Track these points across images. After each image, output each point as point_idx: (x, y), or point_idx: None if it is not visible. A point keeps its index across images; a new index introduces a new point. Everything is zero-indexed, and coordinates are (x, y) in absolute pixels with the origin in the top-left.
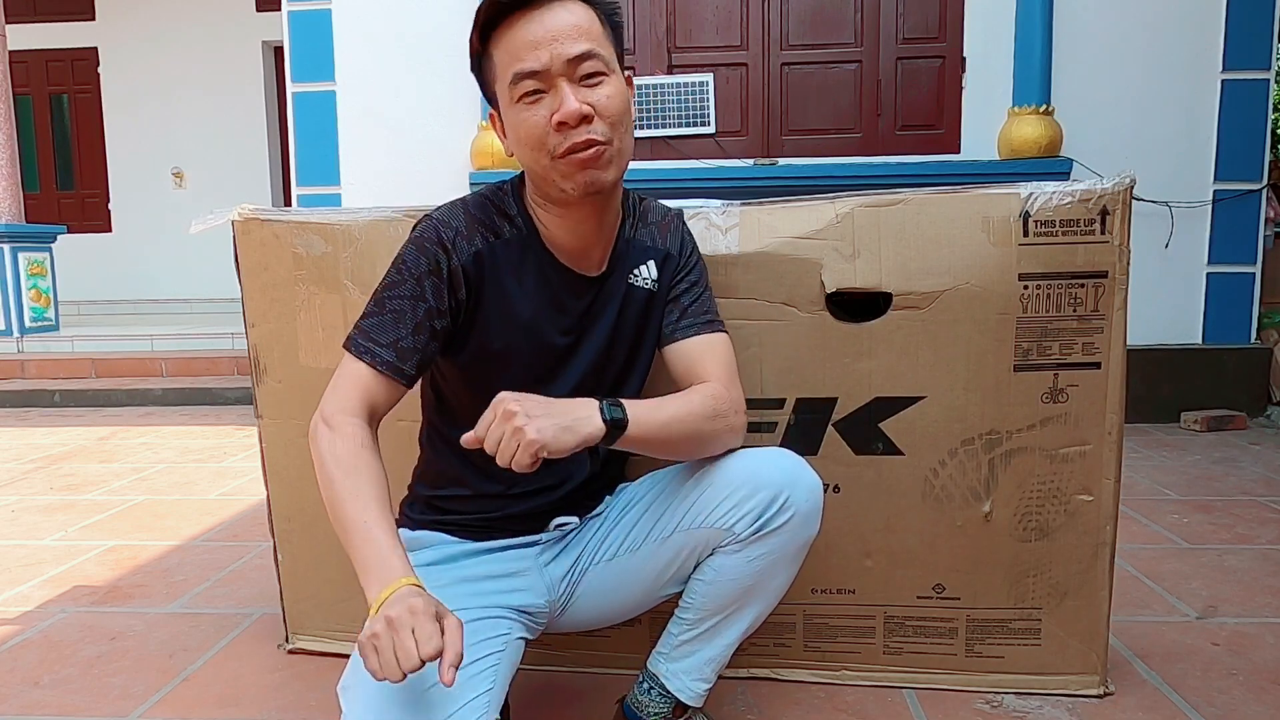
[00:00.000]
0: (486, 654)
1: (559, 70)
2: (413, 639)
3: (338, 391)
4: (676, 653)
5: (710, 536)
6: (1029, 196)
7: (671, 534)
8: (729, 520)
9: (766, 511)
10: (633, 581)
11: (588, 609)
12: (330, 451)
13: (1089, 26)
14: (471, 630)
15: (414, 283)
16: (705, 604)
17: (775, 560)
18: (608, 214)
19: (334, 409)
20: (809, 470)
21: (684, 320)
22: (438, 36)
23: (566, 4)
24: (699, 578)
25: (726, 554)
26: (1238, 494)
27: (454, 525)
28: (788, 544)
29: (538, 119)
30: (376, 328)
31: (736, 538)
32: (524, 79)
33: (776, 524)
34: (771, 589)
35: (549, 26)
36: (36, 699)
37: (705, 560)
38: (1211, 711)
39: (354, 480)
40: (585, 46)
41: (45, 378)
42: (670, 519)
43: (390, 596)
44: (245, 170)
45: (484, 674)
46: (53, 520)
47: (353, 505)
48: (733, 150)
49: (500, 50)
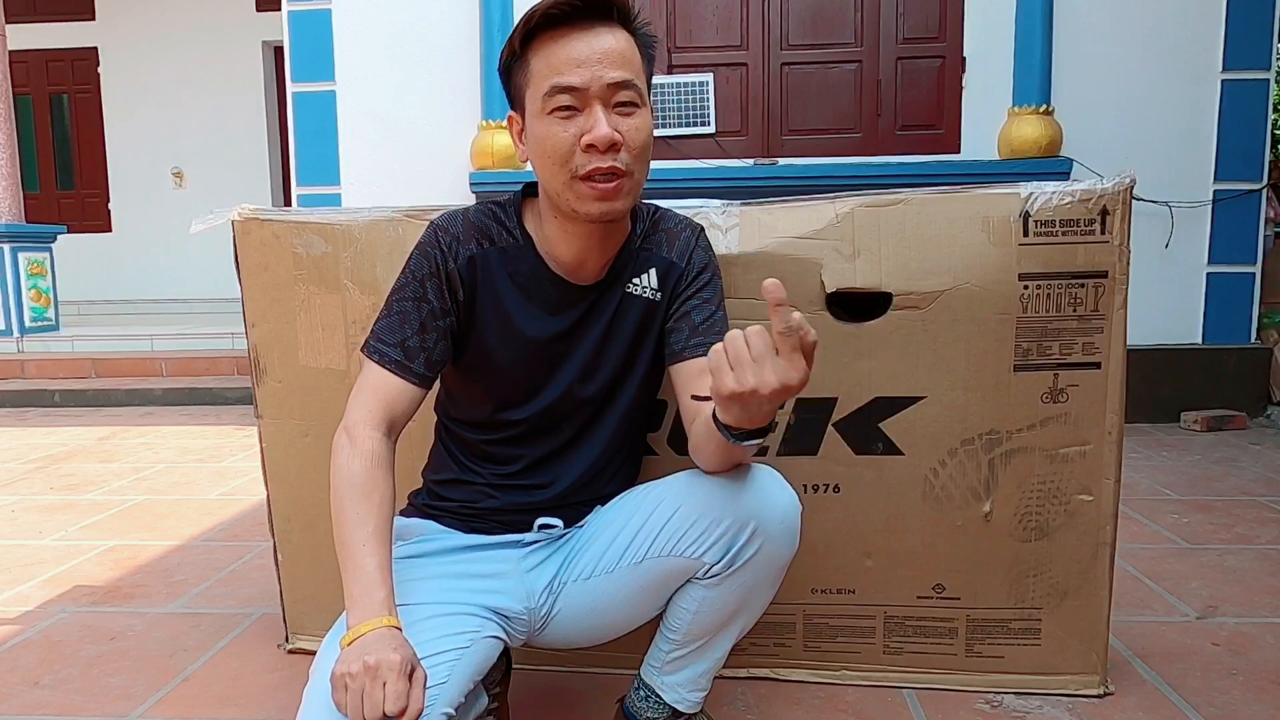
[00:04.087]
0: (448, 649)
1: (597, 93)
2: (382, 692)
3: (359, 401)
4: (668, 667)
5: (682, 565)
6: (1029, 196)
7: (643, 559)
8: (697, 550)
9: (735, 542)
10: (610, 604)
11: (570, 628)
12: (347, 468)
13: (1089, 26)
14: (436, 625)
15: (417, 285)
16: (690, 629)
17: (754, 587)
18: (611, 234)
19: (356, 419)
20: (784, 491)
21: (694, 339)
22: (438, 36)
23: (614, 29)
24: (681, 605)
25: (705, 588)
26: (1238, 494)
27: (443, 512)
28: (763, 571)
29: (567, 136)
30: (385, 329)
31: (708, 569)
32: (560, 93)
33: (746, 555)
34: (756, 607)
35: (595, 48)
36: (36, 699)
37: (685, 588)
38: (1211, 711)
39: (362, 505)
40: (626, 75)
41: (45, 378)
42: (642, 544)
43: (370, 634)
44: (245, 170)
45: (440, 667)
46: (53, 520)
47: (354, 530)
48: (733, 150)
49: (540, 59)
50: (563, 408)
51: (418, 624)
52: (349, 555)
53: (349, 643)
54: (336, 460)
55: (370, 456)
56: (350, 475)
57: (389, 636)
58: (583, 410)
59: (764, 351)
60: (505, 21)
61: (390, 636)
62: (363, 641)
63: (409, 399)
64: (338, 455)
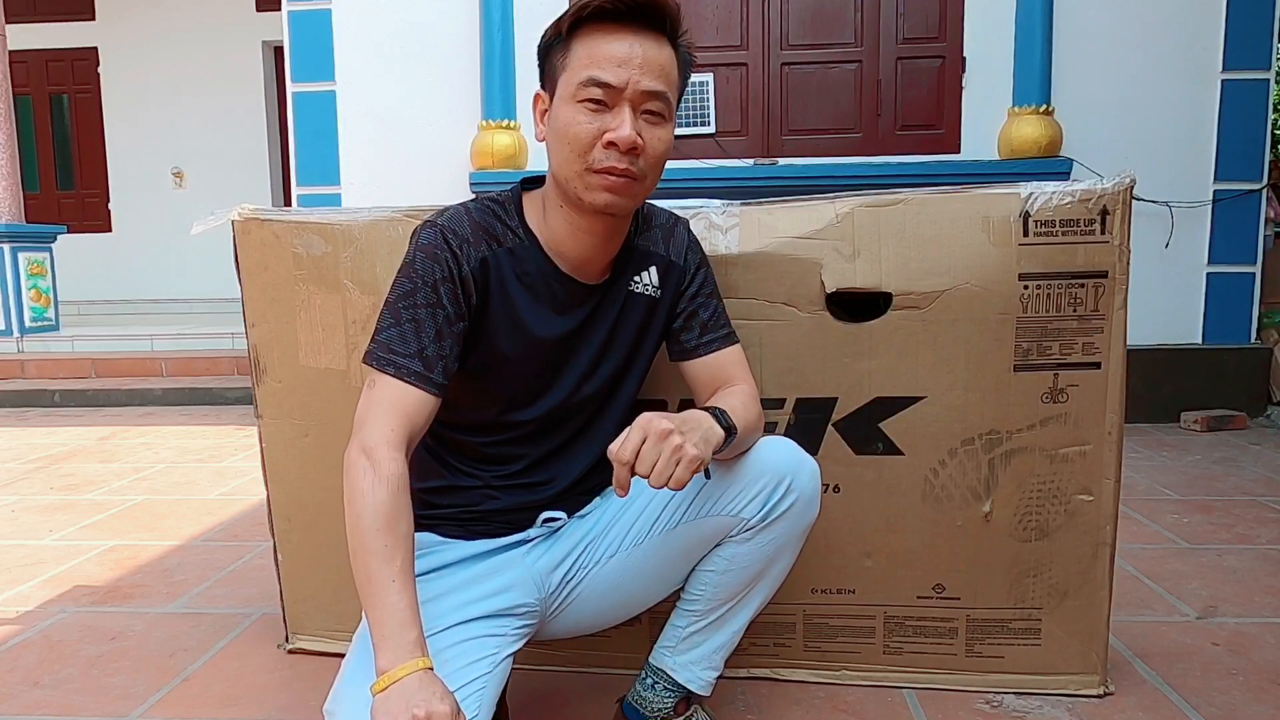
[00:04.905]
0: (475, 677)
1: (630, 95)
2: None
3: (377, 418)
4: (684, 645)
5: (719, 525)
6: (1029, 196)
7: (678, 525)
8: (737, 506)
9: (773, 496)
10: (639, 576)
11: (591, 609)
12: (371, 495)
13: (1089, 26)
14: (459, 653)
15: (429, 290)
16: (716, 594)
17: (782, 545)
18: (616, 232)
19: (376, 440)
20: (807, 456)
21: (705, 335)
22: (438, 36)
23: (661, 41)
24: (708, 569)
25: (737, 543)
26: (1238, 494)
27: (439, 520)
28: (793, 528)
29: (591, 128)
30: (397, 339)
31: (746, 524)
32: (595, 86)
33: (783, 508)
34: (776, 573)
35: (638, 52)
36: (36, 699)
37: (713, 552)
38: (1211, 711)
39: (388, 537)
40: (661, 87)
41: (45, 378)
42: (675, 510)
43: (408, 680)
44: (245, 170)
45: (470, 699)
46: (53, 520)
47: (380, 565)
48: (733, 150)
49: (584, 47)
50: (567, 407)
51: (442, 653)
52: (376, 592)
53: (384, 687)
54: (358, 485)
55: (394, 483)
56: (375, 505)
57: (429, 682)
58: (586, 407)
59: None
60: (505, 21)
61: (430, 682)
62: (401, 689)
63: (429, 411)
64: (358, 480)
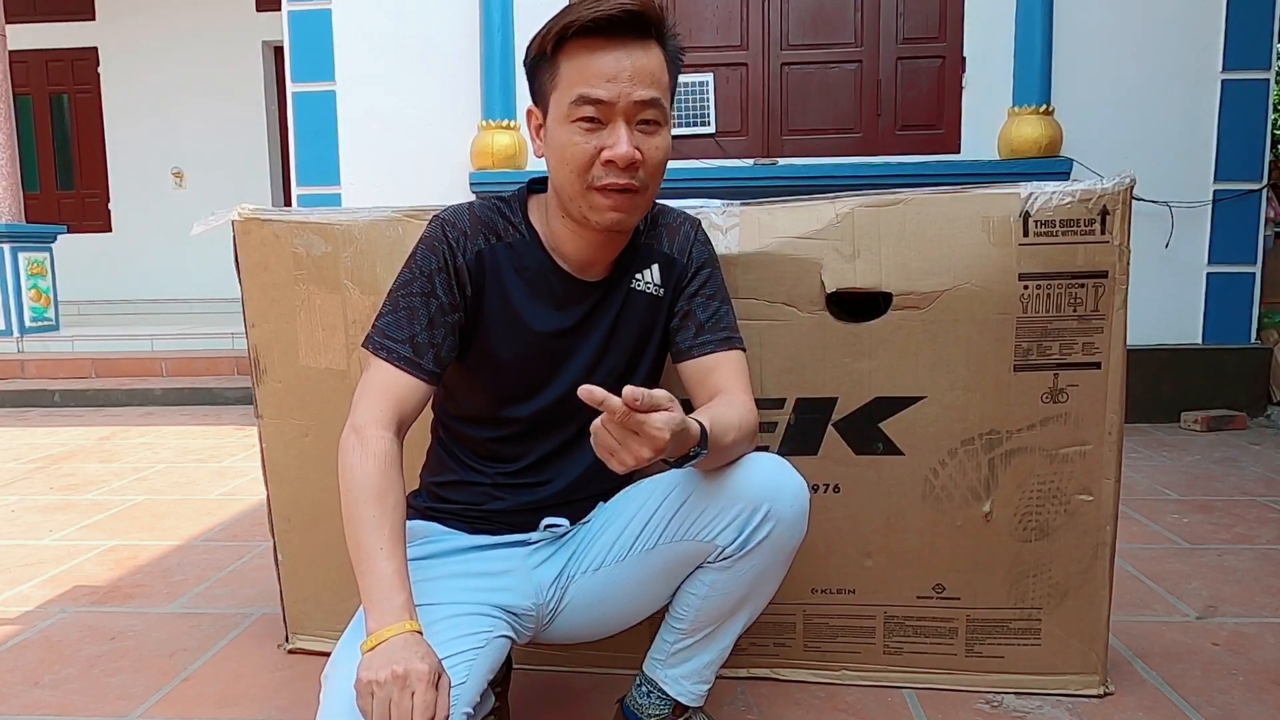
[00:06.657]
0: (465, 649)
1: (623, 109)
2: (410, 701)
3: (367, 398)
4: (673, 659)
5: (696, 550)
6: (1029, 196)
7: (656, 545)
8: (711, 533)
9: (748, 524)
10: (619, 593)
11: (578, 620)
12: (360, 469)
13: (1089, 26)
14: (452, 625)
15: (424, 280)
16: (699, 616)
17: (764, 570)
18: (620, 239)
19: (365, 419)
20: (793, 475)
21: (700, 337)
22: (438, 36)
23: (648, 46)
24: (690, 591)
25: (716, 571)
26: (1238, 494)
27: (446, 514)
28: (775, 555)
29: (588, 147)
30: (392, 325)
31: (721, 552)
32: (587, 104)
33: (760, 537)
34: (764, 594)
35: (626, 65)
36: (36, 699)
37: (695, 574)
38: (1211, 711)
39: (376, 508)
40: (653, 94)
41: (45, 377)
42: (655, 530)
43: (394, 640)
44: (245, 170)
45: (458, 667)
46: (53, 520)
47: (370, 533)
48: (733, 150)
49: (570, 65)
50: (566, 405)
51: (435, 624)
52: (366, 559)
53: (370, 648)
54: (347, 461)
55: (383, 458)
56: (364, 477)
57: (414, 643)
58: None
59: (622, 436)
60: (505, 21)
61: (415, 643)
62: (387, 647)
63: (418, 397)
64: (348, 456)
